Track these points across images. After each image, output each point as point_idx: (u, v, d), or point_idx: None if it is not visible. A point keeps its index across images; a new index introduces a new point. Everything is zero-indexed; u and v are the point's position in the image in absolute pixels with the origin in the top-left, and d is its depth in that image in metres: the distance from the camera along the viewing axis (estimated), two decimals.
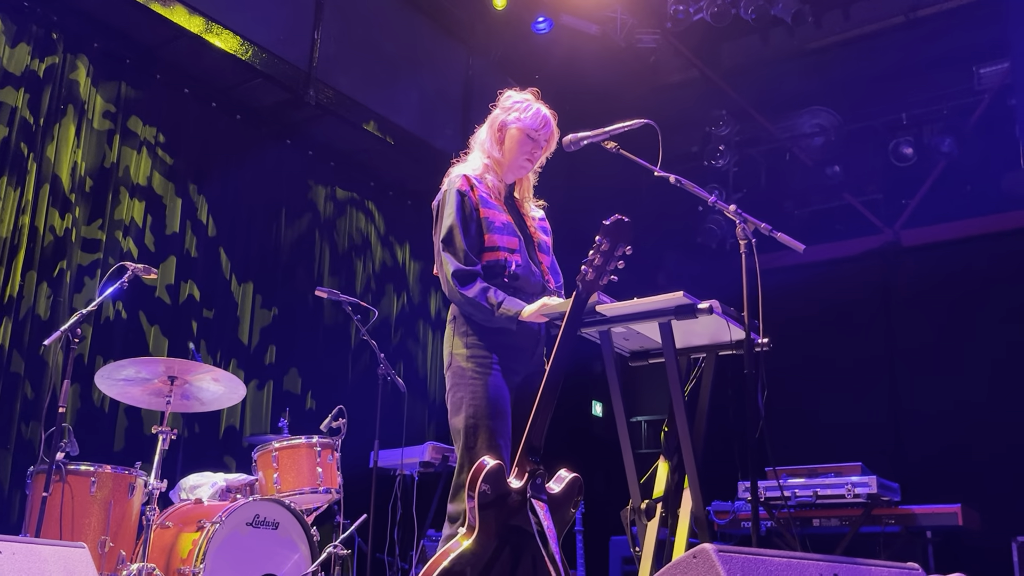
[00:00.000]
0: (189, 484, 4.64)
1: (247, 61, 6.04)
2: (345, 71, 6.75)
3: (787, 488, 5.92)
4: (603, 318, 3.15)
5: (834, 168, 8.28)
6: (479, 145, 3.37)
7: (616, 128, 3.35)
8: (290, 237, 6.75)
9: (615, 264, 2.79)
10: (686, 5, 7.66)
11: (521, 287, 3.14)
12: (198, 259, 6.08)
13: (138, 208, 5.79)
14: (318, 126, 6.83)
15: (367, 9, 7.05)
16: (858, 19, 8.38)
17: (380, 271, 7.47)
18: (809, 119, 8.52)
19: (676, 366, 3.15)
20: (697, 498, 3.17)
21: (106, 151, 5.67)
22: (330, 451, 4.79)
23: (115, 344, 5.47)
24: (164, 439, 4.09)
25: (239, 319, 6.29)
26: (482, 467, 2.64)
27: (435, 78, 7.61)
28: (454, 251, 3.09)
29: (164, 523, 4.23)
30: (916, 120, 8.03)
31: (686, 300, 3.03)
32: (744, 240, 3.18)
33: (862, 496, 5.74)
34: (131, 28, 5.73)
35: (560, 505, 2.78)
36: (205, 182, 6.21)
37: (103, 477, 4.06)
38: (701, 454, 3.25)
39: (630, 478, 3.29)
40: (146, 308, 5.72)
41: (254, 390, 6.24)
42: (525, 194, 3.41)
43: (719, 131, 8.59)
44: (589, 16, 8.13)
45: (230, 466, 5.87)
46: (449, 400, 3.11)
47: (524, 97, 3.38)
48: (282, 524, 4.31)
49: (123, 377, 4.18)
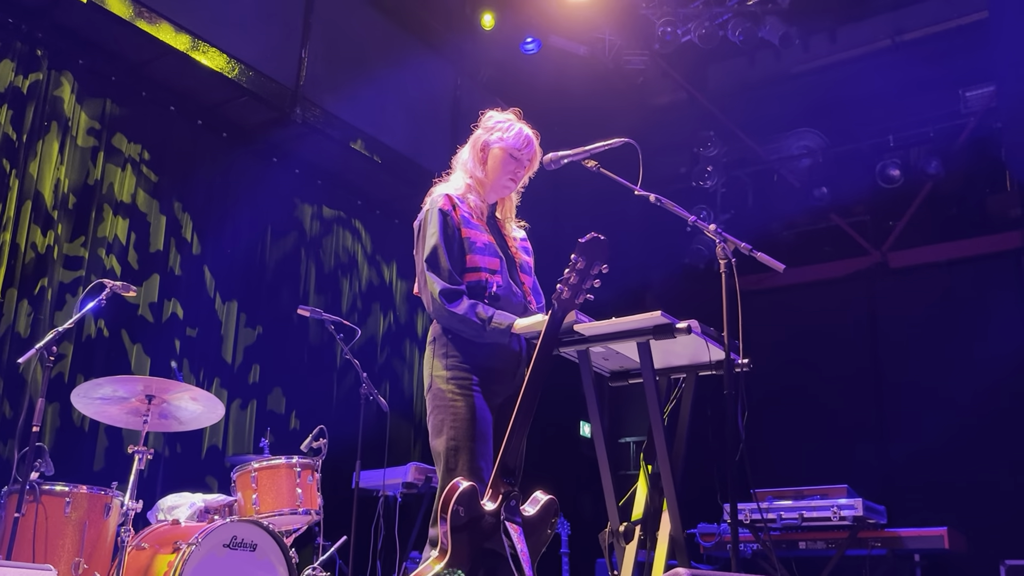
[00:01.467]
0: (167, 505, 4.58)
1: (233, 79, 6.04)
2: (332, 89, 6.75)
3: (773, 510, 5.88)
4: (581, 337, 3.12)
5: (821, 190, 8.30)
6: (461, 165, 3.36)
7: (596, 147, 3.34)
8: (275, 255, 6.73)
9: (591, 283, 2.77)
10: (674, 27, 7.69)
11: (502, 308, 3.12)
12: (182, 277, 6.05)
13: (122, 225, 5.75)
14: (305, 144, 6.82)
15: (354, 28, 7.06)
16: (844, 42, 8.45)
17: (366, 290, 7.44)
18: (796, 141, 8.56)
19: (654, 386, 3.12)
20: (676, 520, 3.14)
21: (90, 168, 5.65)
22: (310, 471, 4.73)
23: (97, 362, 5.42)
24: (140, 459, 4.04)
25: (223, 338, 6.25)
26: (455, 489, 2.61)
27: (423, 97, 7.62)
28: (439, 271, 3.07)
29: (140, 544, 4.16)
30: (903, 142, 8.07)
31: (664, 320, 3.01)
32: (724, 260, 3.16)
33: (848, 519, 5.71)
34: (117, 45, 5.72)
35: (535, 528, 2.74)
36: (190, 200, 6.19)
37: (78, 498, 3.99)
38: (680, 475, 3.22)
39: (608, 501, 3.26)
40: (128, 326, 5.68)
41: (237, 409, 6.19)
42: (507, 214, 3.40)
43: (707, 152, 8.62)
44: (577, 37, 8.17)
45: (212, 486, 5.81)
46: (430, 423, 3.08)
47: (506, 117, 3.37)
48: (260, 546, 4.25)
49: (100, 396, 4.13)
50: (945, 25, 7.92)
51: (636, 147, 3.35)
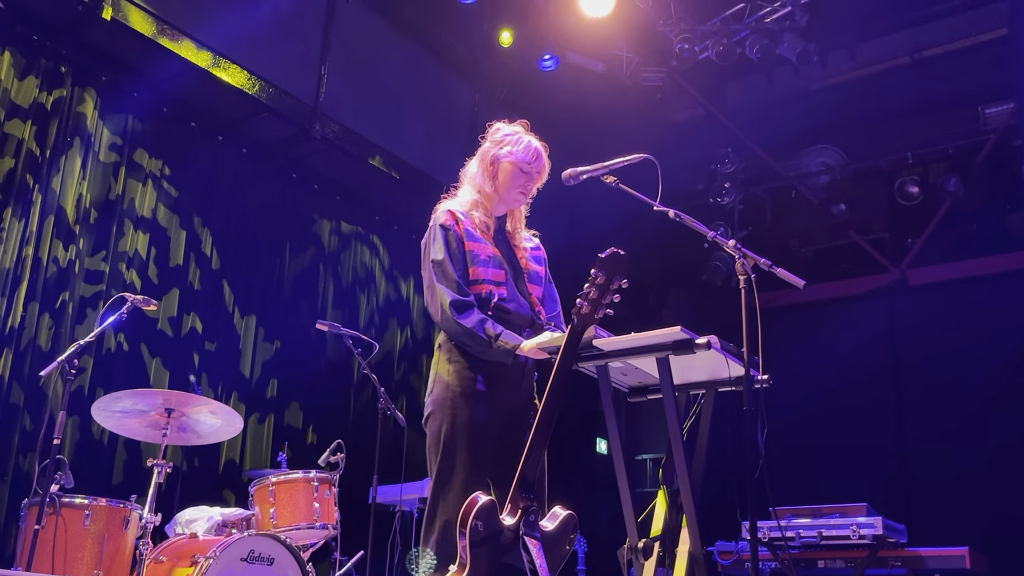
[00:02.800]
0: (185, 518, 4.58)
1: (254, 95, 6.09)
2: (351, 106, 6.80)
3: (791, 528, 5.83)
4: (600, 352, 3.11)
5: (840, 207, 8.28)
6: (469, 179, 3.36)
7: (615, 163, 3.35)
8: (294, 270, 6.76)
9: (611, 297, 2.77)
10: (691, 44, 7.70)
11: (508, 320, 3.12)
12: (201, 291, 6.08)
13: (142, 240, 5.80)
14: (324, 160, 6.87)
15: (373, 45, 7.11)
16: (864, 59, 8.42)
17: (384, 305, 7.46)
18: (814, 158, 8.53)
19: (674, 402, 3.11)
20: (695, 537, 3.11)
21: (111, 183, 5.70)
22: (328, 486, 4.74)
23: (116, 376, 5.46)
24: (159, 472, 4.06)
25: (241, 352, 6.27)
26: (474, 503, 2.60)
27: (441, 114, 7.66)
28: (448, 282, 3.08)
29: (158, 557, 4.17)
30: (922, 159, 8.04)
31: (684, 335, 3.00)
32: (743, 275, 3.15)
33: (868, 537, 5.65)
34: (139, 62, 5.78)
35: (554, 543, 2.73)
36: (210, 215, 6.24)
37: (97, 510, 4.01)
38: (700, 492, 3.20)
39: (627, 517, 3.24)
40: (148, 340, 5.71)
41: (255, 424, 6.21)
42: (516, 225, 3.39)
43: (724, 169, 8.61)
44: (595, 54, 8.19)
45: (229, 500, 5.83)
46: (429, 426, 3.08)
47: (514, 130, 3.37)
48: (277, 560, 4.24)
49: (120, 409, 4.16)
50: (964, 42, 7.89)
51: (655, 163, 3.35)
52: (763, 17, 7.67)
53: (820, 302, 8.28)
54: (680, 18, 7.75)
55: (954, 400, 7.40)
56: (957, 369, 7.49)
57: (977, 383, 7.33)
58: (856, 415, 7.80)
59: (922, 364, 7.77)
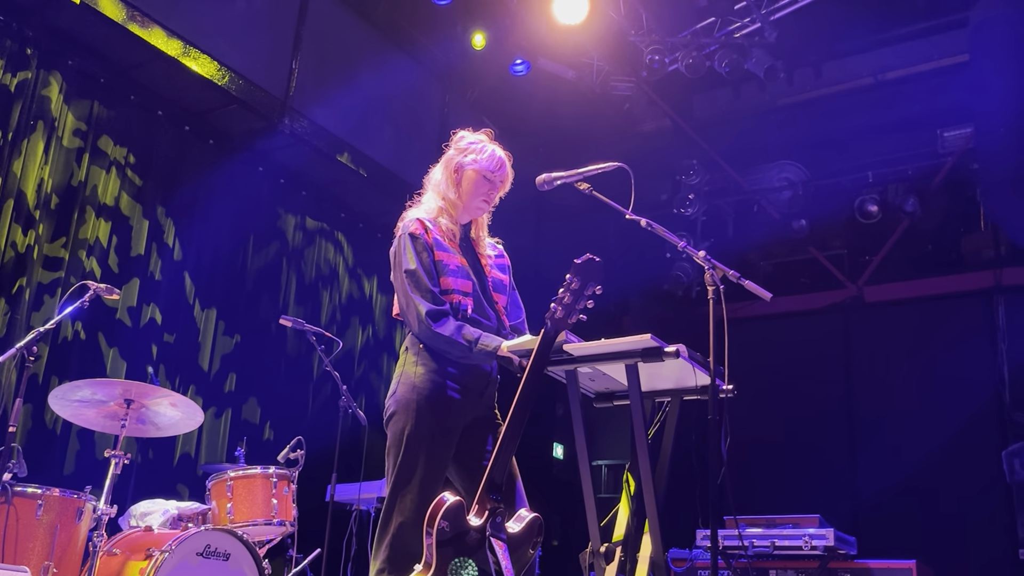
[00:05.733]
0: (139, 511, 4.52)
1: (223, 86, 6.03)
2: (321, 101, 6.76)
3: (745, 538, 5.90)
4: (570, 357, 3.13)
5: (800, 222, 8.41)
6: (434, 186, 3.35)
7: (590, 170, 3.37)
8: (257, 264, 6.70)
9: (585, 303, 2.79)
10: (662, 55, 7.78)
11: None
12: (162, 282, 6.01)
13: (104, 228, 5.71)
14: (291, 155, 6.81)
15: (346, 42, 7.08)
16: (829, 78, 8.58)
17: (346, 303, 7.42)
18: (777, 173, 8.67)
19: (641, 409, 3.14)
20: (657, 543, 3.15)
21: (74, 169, 5.61)
22: (286, 483, 4.70)
23: (72, 365, 5.37)
24: (117, 463, 4.00)
25: (200, 345, 6.20)
26: (442, 503, 2.61)
27: (411, 114, 7.65)
28: (422, 292, 3.07)
29: (111, 550, 4.11)
30: (881, 178, 8.20)
31: (653, 343, 3.03)
32: (712, 286, 3.19)
33: (819, 548, 5.73)
34: (107, 48, 5.70)
35: (519, 545, 2.74)
36: (173, 205, 6.16)
37: (50, 500, 3.93)
38: (663, 499, 3.24)
39: (591, 521, 3.26)
40: (106, 329, 5.63)
41: (212, 418, 6.14)
42: (480, 232, 3.38)
43: (689, 180, 8.71)
44: (566, 61, 8.24)
45: (183, 494, 5.75)
46: (391, 427, 3.07)
47: (478, 138, 3.37)
48: (233, 555, 4.21)
49: (78, 398, 4.09)
50: (926, 66, 8.07)
51: (629, 172, 3.39)
52: (733, 32, 7.78)
53: (778, 315, 8.40)
54: (651, 29, 7.83)
55: (906, 416, 7.55)
56: (909, 385, 7.64)
57: (928, 400, 7.49)
58: (809, 427, 7.93)
59: (875, 379, 7.92)
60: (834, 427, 7.94)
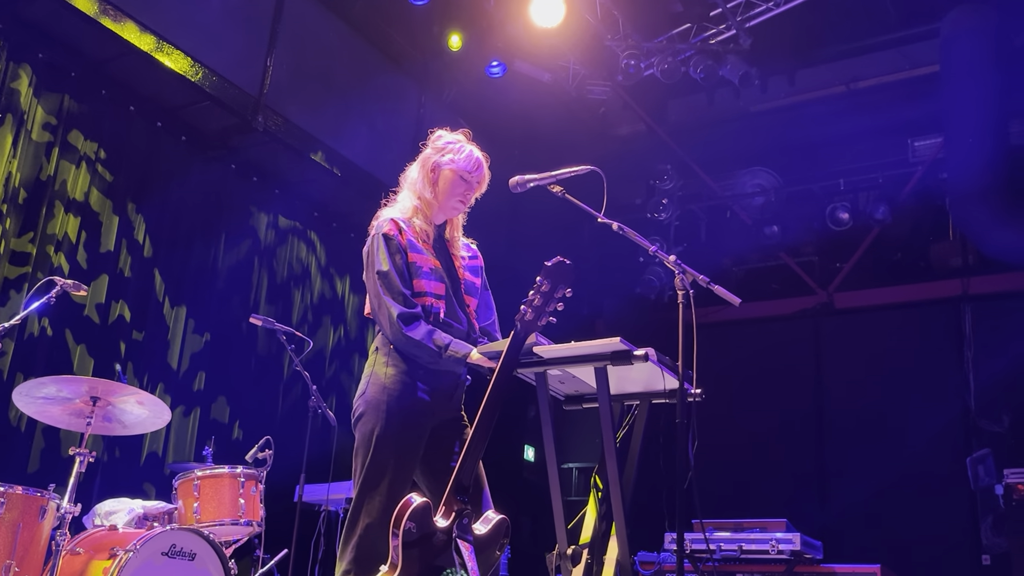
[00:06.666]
0: (104, 510, 4.47)
1: (196, 83, 5.98)
2: (296, 100, 6.72)
3: (713, 541, 5.94)
4: (540, 359, 3.14)
5: (772, 228, 8.48)
6: (410, 185, 3.33)
7: (563, 173, 3.37)
8: (228, 263, 6.65)
9: (554, 305, 2.80)
10: (637, 60, 7.82)
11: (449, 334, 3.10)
12: (131, 279, 5.95)
13: (72, 224, 5.65)
14: (265, 153, 6.77)
15: (322, 40, 7.05)
16: (802, 85, 8.66)
17: (318, 302, 7.39)
18: (750, 179, 8.74)
19: (609, 411, 3.15)
20: (623, 546, 3.16)
21: (43, 163, 5.54)
22: (254, 482, 4.67)
23: (38, 361, 5.30)
24: (82, 461, 3.94)
25: (169, 343, 6.15)
26: (408, 504, 2.60)
27: (386, 114, 7.63)
28: (394, 295, 3.06)
29: (75, 549, 4.06)
30: (853, 186, 8.29)
31: (623, 346, 3.05)
32: (682, 291, 3.21)
33: (785, 552, 5.78)
34: (79, 41, 5.63)
35: (485, 546, 2.75)
36: (144, 202, 6.10)
37: (13, 498, 3.87)
38: (630, 502, 3.25)
39: (558, 523, 3.27)
40: (73, 326, 5.56)
41: (180, 416, 6.09)
42: (455, 233, 3.38)
43: (663, 185, 8.76)
44: (542, 64, 8.26)
45: (149, 493, 5.70)
46: (359, 427, 3.05)
47: (456, 138, 3.36)
48: (199, 555, 4.17)
49: (43, 395, 4.03)
50: (898, 75, 8.17)
51: (601, 175, 3.39)
52: (708, 38, 7.83)
53: (749, 320, 8.46)
54: (627, 34, 7.87)
55: (873, 422, 7.63)
56: (877, 391, 7.72)
57: (895, 406, 7.57)
58: (778, 432, 7.99)
59: (844, 385, 7.99)
60: (802, 432, 8.01)
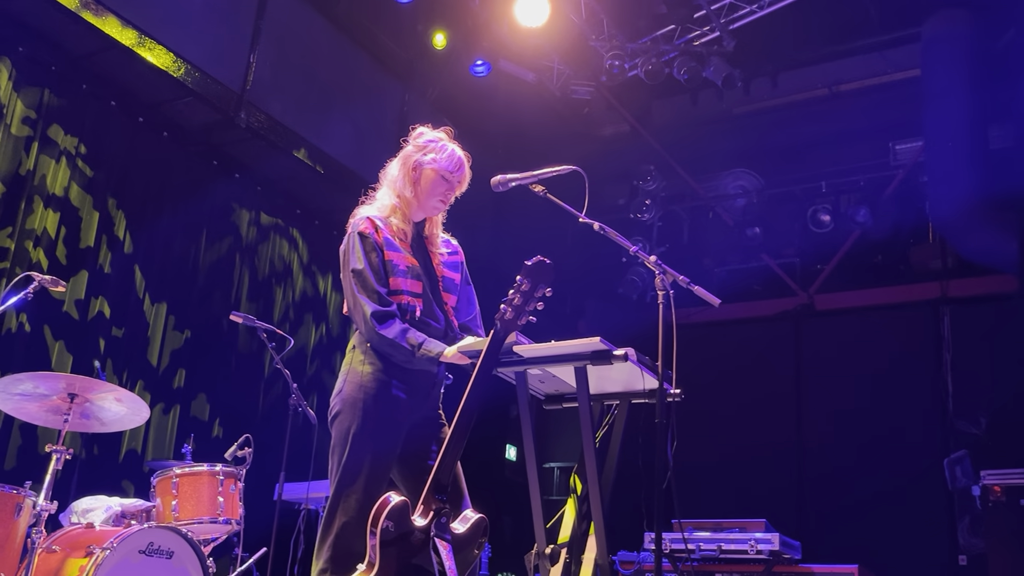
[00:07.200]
0: (81, 507, 4.44)
1: (179, 78, 5.95)
2: (279, 97, 6.70)
3: (692, 541, 5.96)
4: (520, 359, 3.14)
5: (754, 229, 8.51)
6: (389, 182, 3.30)
7: (544, 172, 3.38)
8: (209, 259, 6.62)
9: (534, 305, 2.80)
10: (621, 61, 7.83)
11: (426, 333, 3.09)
12: (111, 275, 5.91)
13: (52, 219, 5.61)
14: (247, 150, 6.74)
15: (306, 37, 7.03)
16: (785, 88, 8.70)
17: (300, 300, 7.36)
18: (733, 180, 8.77)
19: (589, 411, 3.16)
20: (602, 545, 3.17)
21: (23, 158, 5.50)
22: (233, 480, 4.65)
23: (15, 357, 5.25)
24: (58, 459, 3.91)
25: (149, 340, 6.11)
26: (387, 503, 2.60)
27: (370, 111, 7.61)
28: (368, 293, 3.05)
29: (51, 547, 4.03)
30: (834, 189, 8.33)
31: (602, 346, 3.06)
32: (662, 291, 3.22)
33: (764, 553, 5.81)
34: (60, 35, 5.59)
35: (464, 545, 2.74)
36: (125, 197, 6.06)
37: None
38: (608, 501, 3.26)
39: (537, 522, 3.28)
40: (52, 322, 5.52)
41: (159, 414, 6.06)
42: (434, 230, 3.35)
43: (646, 185, 8.78)
44: (527, 64, 8.26)
45: (128, 491, 5.66)
46: (336, 425, 3.05)
47: (438, 136, 3.33)
48: (177, 553, 4.15)
49: (20, 391, 4.00)
50: (879, 79, 8.22)
51: (583, 175, 3.40)
52: (692, 40, 7.86)
53: (730, 321, 8.50)
54: (612, 35, 7.88)
55: (852, 424, 7.67)
56: (856, 392, 7.77)
57: (874, 407, 7.62)
58: (757, 432, 8.02)
59: (823, 386, 8.04)
60: (782, 432, 8.04)
